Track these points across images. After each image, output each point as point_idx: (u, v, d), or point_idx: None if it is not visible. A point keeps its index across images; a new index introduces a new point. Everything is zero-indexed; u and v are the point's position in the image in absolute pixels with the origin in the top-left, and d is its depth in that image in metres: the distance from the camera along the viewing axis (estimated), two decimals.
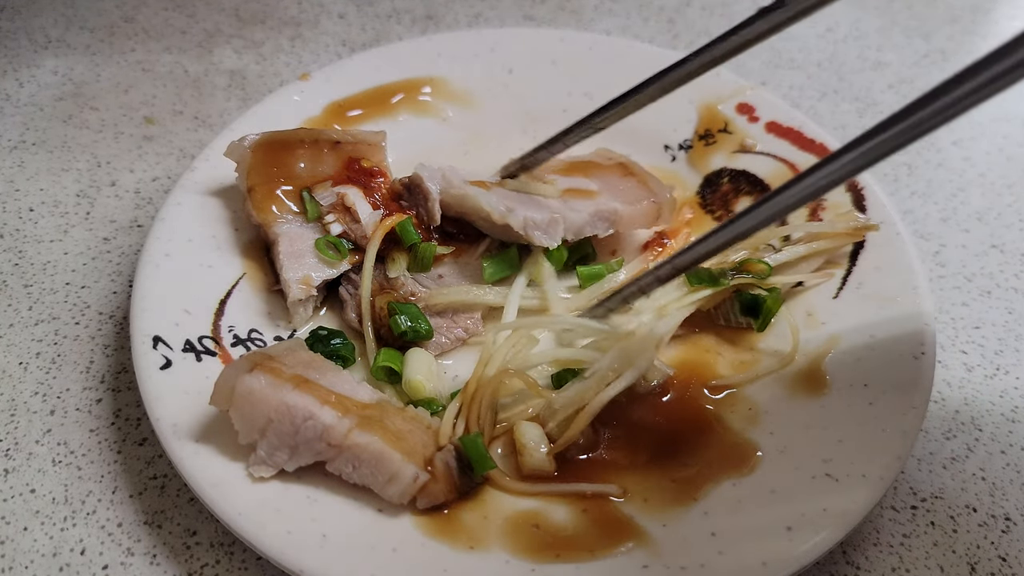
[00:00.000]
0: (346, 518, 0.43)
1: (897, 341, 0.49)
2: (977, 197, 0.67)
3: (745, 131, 0.63)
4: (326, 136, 0.57)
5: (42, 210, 0.65)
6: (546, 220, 0.54)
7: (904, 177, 0.69)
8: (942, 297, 0.60)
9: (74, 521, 0.47)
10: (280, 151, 0.56)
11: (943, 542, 0.47)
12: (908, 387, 0.46)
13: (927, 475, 0.49)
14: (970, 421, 0.52)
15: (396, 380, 0.51)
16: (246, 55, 0.80)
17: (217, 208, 0.57)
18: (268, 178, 0.55)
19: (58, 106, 0.74)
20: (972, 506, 0.48)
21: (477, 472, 0.45)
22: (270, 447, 0.43)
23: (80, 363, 0.55)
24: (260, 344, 0.52)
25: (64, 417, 0.52)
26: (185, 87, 0.76)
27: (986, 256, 0.63)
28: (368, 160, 0.57)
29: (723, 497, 0.44)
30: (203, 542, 0.46)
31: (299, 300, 0.53)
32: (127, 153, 0.70)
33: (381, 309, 0.52)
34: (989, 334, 0.57)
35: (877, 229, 0.53)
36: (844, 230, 0.54)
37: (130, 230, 0.64)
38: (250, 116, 0.61)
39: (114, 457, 0.50)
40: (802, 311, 0.53)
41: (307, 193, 0.55)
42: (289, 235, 0.54)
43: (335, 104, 0.64)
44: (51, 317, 0.58)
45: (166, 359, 0.48)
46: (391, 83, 0.66)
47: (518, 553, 0.42)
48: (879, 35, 0.83)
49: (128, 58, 0.79)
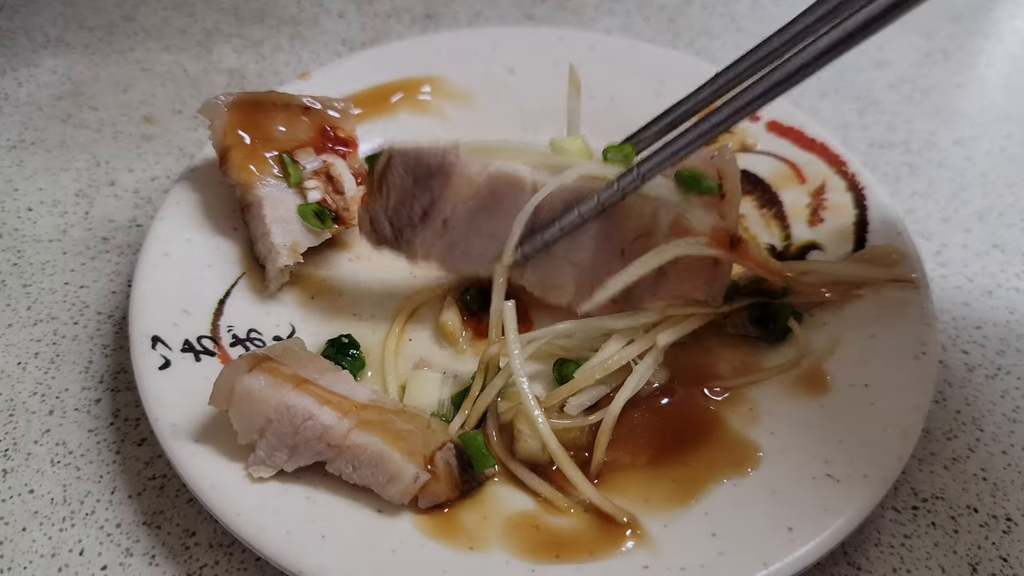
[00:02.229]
0: (345, 519, 0.43)
1: (898, 341, 0.49)
2: (978, 197, 0.67)
3: (746, 130, 0.63)
4: (296, 101, 0.57)
5: (41, 209, 0.65)
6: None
7: (905, 176, 0.69)
8: (943, 297, 0.59)
9: (73, 521, 0.47)
10: (256, 112, 0.56)
11: (944, 543, 0.46)
12: (909, 387, 0.46)
13: (928, 475, 0.49)
14: (971, 421, 0.52)
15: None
16: (245, 54, 0.80)
17: (216, 208, 0.57)
18: (245, 138, 0.55)
19: (57, 105, 0.74)
20: (973, 506, 0.48)
21: (477, 469, 0.45)
22: (269, 447, 0.43)
23: (79, 363, 0.55)
24: (259, 344, 0.52)
25: (63, 417, 0.52)
26: (184, 86, 0.76)
27: (987, 256, 0.63)
28: (342, 129, 0.58)
29: (723, 497, 0.44)
30: (202, 543, 0.46)
31: (285, 266, 0.53)
32: (126, 152, 0.70)
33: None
34: (990, 334, 0.57)
35: (913, 283, 0.51)
36: (879, 276, 0.52)
37: (129, 230, 0.64)
38: None
39: (113, 457, 0.50)
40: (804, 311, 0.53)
41: (288, 157, 0.55)
42: (272, 198, 0.54)
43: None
44: (50, 317, 0.58)
45: (165, 359, 0.48)
46: (391, 82, 0.66)
47: (518, 554, 0.42)
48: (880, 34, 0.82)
49: (127, 57, 0.79)
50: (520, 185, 0.50)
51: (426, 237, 0.51)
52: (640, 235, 0.49)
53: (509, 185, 0.50)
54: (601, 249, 0.50)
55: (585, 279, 0.50)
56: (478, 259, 0.51)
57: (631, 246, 0.49)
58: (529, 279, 0.51)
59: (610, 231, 0.50)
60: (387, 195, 0.49)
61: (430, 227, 0.50)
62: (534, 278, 0.51)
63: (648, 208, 0.49)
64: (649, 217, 0.49)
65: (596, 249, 0.50)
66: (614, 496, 0.45)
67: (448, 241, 0.51)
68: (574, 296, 0.51)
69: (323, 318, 0.55)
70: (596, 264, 0.50)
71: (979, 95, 0.76)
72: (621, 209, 0.49)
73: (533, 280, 0.51)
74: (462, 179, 0.49)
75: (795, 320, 0.51)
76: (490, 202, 0.50)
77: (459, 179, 0.49)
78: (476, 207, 0.50)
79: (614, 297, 0.47)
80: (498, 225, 0.50)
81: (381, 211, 0.50)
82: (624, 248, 0.49)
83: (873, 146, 0.71)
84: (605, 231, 0.50)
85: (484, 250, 0.50)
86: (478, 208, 0.50)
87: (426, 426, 0.46)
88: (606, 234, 0.50)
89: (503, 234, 0.49)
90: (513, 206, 0.49)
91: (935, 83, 0.77)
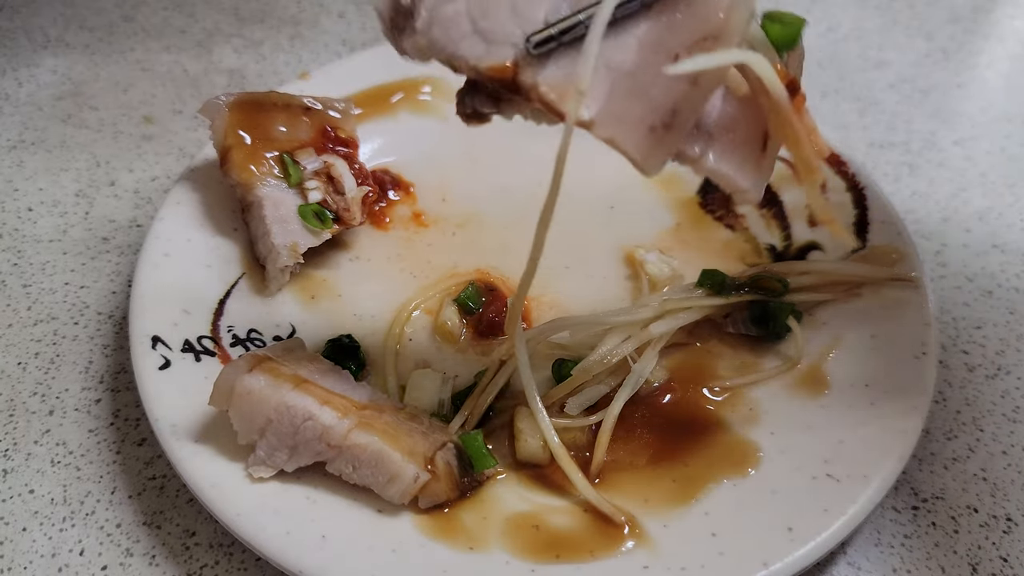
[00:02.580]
0: (345, 519, 0.43)
1: (898, 341, 0.49)
2: (978, 197, 0.67)
3: None
4: (297, 102, 0.57)
5: (41, 210, 0.65)
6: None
7: (905, 176, 0.69)
8: (943, 297, 0.59)
9: (73, 522, 0.47)
10: (257, 112, 0.56)
11: (944, 543, 0.46)
12: (909, 387, 0.46)
13: (928, 475, 0.49)
14: (971, 421, 0.52)
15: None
16: (245, 54, 0.80)
17: (217, 208, 0.57)
18: (246, 138, 0.55)
19: (57, 105, 0.74)
20: (973, 507, 0.48)
21: (478, 469, 0.45)
22: (269, 447, 0.43)
23: (79, 363, 0.55)
24: (259, 344, 0.52)
25: (63, 417, 0.52)
26: (184, 86, 0.76)
27: (987, 256, 0.63)
28: (343, 130, 0.58)
29: (723, 497, 0.44)
30: (202, 543, 0.46)
31: (285, 267, 0.53)
32: (126, 152, 0.70)
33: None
34: (990, 334, 0.57)
35: (913, 282, 0.51)
36: (879, 276, 0.52)
37: (129, 230, 0.64)
38: None
39: (113, 457, 0.50)
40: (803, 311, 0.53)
41: (288, 157, 0.55)
42: (273, 198, 0.54)
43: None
44: (50, 317, 0.58)
45: (165, 359, 0.48)
46: (391, 82, 0.66)
47: (518, 554, 0.42)
48: (880, 34, 0.82)
49: (127, 57, 0.79)
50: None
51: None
52: (706, 37, 0.35)
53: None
54: (650, 50, 0.36)
55: (622, 89, 0.36)
56: (489, 40, 0.37)
57: (688, 51, 0.35)
58: (548, 78, 0.37)
59: (667, 28, 0.36)
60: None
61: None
62: (554, 78, 0.37)
63: (724, 3, 0.35)
64: (722, 16, 0.35)
65: (643, 50, 0.36)
66: (614, 496, 0.45)
67: (456, 8, 0.37)
68: (600, 112, 0.36)
69: (323, 318, 0.55)
70: (640, 70, 0.36)
71: (979, 95, 0.76)
72: (682, 4, 0.36)
73: (553, 80, 0.37)
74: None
75: (795, 320, 0.51)
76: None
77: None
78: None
79: (655, 124, 0.35)
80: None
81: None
82: (679, 53, 0.35)
83: (873, 146, 0.71)
84: (659, 28, 0.36)
85: (500, 27, 0.37)
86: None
87: (426, 426, 0.46)
88: (660, 31, 0.36)
89: (530, 8, 0.37)
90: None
91: (935, 83, 0.77)
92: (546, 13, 0.37)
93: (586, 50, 0.34)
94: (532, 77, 0.37)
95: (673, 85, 0.35)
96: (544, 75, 0.37)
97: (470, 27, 0.38)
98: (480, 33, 0.38)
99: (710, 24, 0.36)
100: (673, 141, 0.36)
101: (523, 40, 0.36)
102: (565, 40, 0.36)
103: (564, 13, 0.37)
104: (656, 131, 0.35)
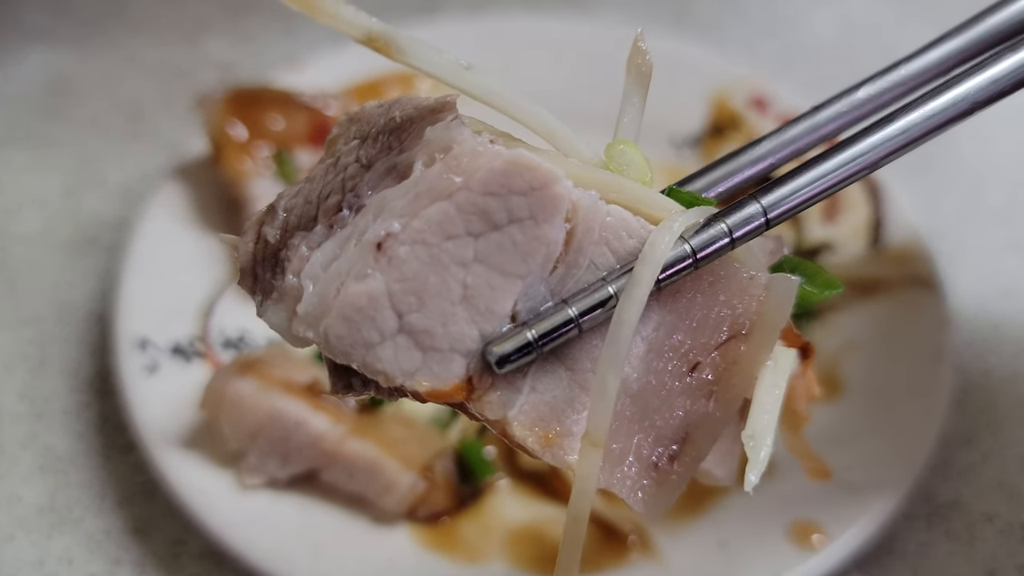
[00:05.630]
0: (339, 529, 0.42)
1: (913, 343, 0.48)
2: (995, 196, 0.66)
3: (755, 126, 0.61)
4: (292, 96, 0.57)
5: (27, 208, 0.64)
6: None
7: (920, 175, 0.67)
8: (959, 298, 0.58)
9: (61, 530, 0.46)
10: (251, 107, 0.55)
11: (960, 551, 0.45)
12: (924, 392, 0.45)
13: (943, 482, 0.48)
14: (987, 426, 0.51)
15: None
16: (238, 47, 0.78)
17: (208, 205, 0.56)
18: (240, 133, 0.54)
19: (44, 101, 0.72)
20: (989, 514, 0.47)
21: (477, 478, 0.44)
22: (261, 454, 0.42)
23: (67, 366, 0.54)
24: (251, 347, 0.50)
25: (51, 422, 0.51)
26: (175, 80, 0.74)
27: (1004, 256, 0.61)
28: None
29: (733, 506, 0.43)
30: (193, 552, 0.45)
31: None
32: (115, 149, 0.68)
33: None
34: (1007, 337, 0.56)
35: (928, 283, 0.50)
36: (893, 276, 0.51)
37: (118, 228, 0.63)
38: None
39: (102, 463, 0.49)
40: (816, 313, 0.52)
41: (284, 153, 0.54)
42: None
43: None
44: (36, 318, 0.56)
45: (153, 362, 0.46)
46: (387, 75, 0.64)
47: (519, 566, 0.41)
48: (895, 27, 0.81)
49: (117, 52, 0.77)
50: (552, 203, 0.25)
51: (326, 258, 0.25)
52: (732, 336, 0.26)
53: (536, 195, 0.25)
54: (657, 361, 0.26)
55: (626, 421, 0.26)
56: (428, 347, 0.24)
57: (711, 358, 0.26)
58: (526, 414, 0.25)
59: (675, 326, 0.26)
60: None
61: (348, 234, 0.25)
62: (536, 412, 0.25)
63: (755, 286, 0.26)
64: (754, 300, 0.26)
65: (648, 360, 0.26)
66: (619, 506, 0.43)
67: (370, 288, 0.24)
68: (603, 463, 0.26)
69: None
70: (648, 391, 0.26)
71: None
72: (703, 286, 0.26)
73: (535, 415, 0.25)
74: (463, 150, 0.25)
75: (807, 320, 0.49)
76: (490, 222, 0.24)
77: (458, 149, 0.25)
78: (463, 222, 0.24)
79: (659, 458, 0.26)
80: (493, 274, 0.24)
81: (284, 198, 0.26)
82: (700, 362, 0.26)
83: None
84: (666, 327, 0.26)
85: (445, 327, 0.24)
86: (465, 224, 0.24)
87: (423, 433, 0.45)
88: (667, 332, 0.26)
89: (492, 296, 0.24)
90: (531, 242, 0.24)
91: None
92: (516, 300, 0.24)
93: (602, 375, 0.22)
94: (499, 410, 0.24)
95: (686, 403, 0.25)
96: (519, 408, 0.24)
97: (395, 324, 0.23)
98: (411, 334, 0.23)
99: (740, 311, 0.26)
100: (684, 476, 0.26)
101: (480, 346, 0.24)
102: (546, 350, 0.24)
103: (545, 302, 0.24)
104: (661, 466, 0.26)
